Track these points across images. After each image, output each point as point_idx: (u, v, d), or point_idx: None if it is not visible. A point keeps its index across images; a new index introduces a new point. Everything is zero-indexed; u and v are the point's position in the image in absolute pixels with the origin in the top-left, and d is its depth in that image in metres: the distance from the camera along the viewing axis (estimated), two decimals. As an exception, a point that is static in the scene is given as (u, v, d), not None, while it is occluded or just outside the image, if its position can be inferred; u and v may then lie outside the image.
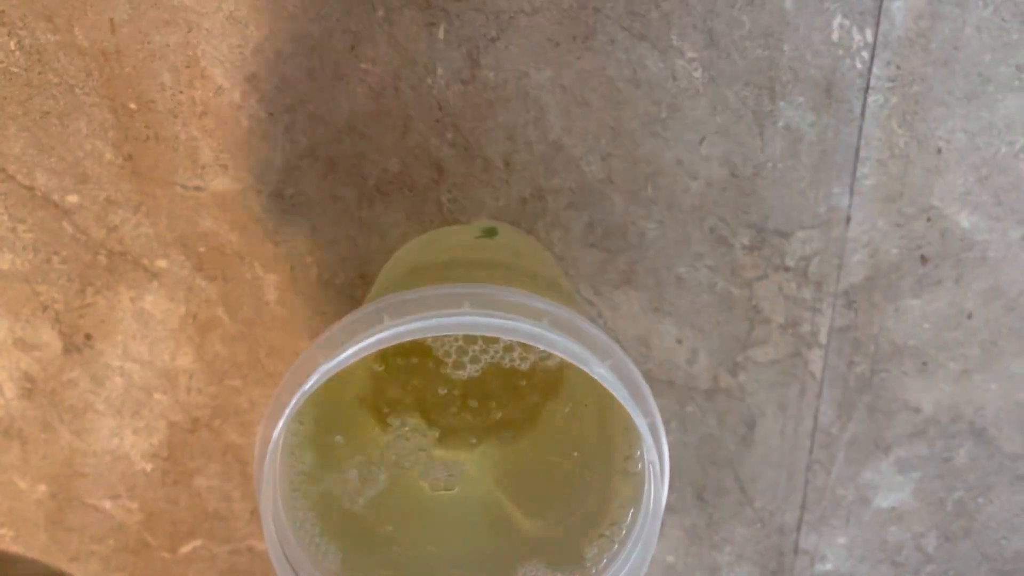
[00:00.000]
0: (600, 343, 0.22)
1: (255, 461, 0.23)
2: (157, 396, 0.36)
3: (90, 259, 0.34)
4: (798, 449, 0.38)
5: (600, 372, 0.21)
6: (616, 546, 0.25)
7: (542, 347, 0.21)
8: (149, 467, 0.37)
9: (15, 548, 0.38)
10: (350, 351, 0.21)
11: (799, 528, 0.39)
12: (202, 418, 0.36)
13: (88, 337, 0.35)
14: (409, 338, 0.21)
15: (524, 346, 0.25)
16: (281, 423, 0.21)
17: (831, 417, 0.37)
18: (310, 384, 0.21)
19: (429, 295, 0.22)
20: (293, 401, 0.21)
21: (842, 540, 0.40)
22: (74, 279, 0.34)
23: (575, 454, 0.27)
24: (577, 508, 0.26)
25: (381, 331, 0.21)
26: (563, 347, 0.21)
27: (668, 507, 0.36)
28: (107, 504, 0.37)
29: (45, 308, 0.34)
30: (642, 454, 0.24)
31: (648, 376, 0.36)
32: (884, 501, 0.39)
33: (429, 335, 0.21)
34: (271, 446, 0.22)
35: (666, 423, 0.29)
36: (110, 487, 0.37)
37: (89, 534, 0.38)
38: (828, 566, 0.40)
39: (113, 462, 0.37)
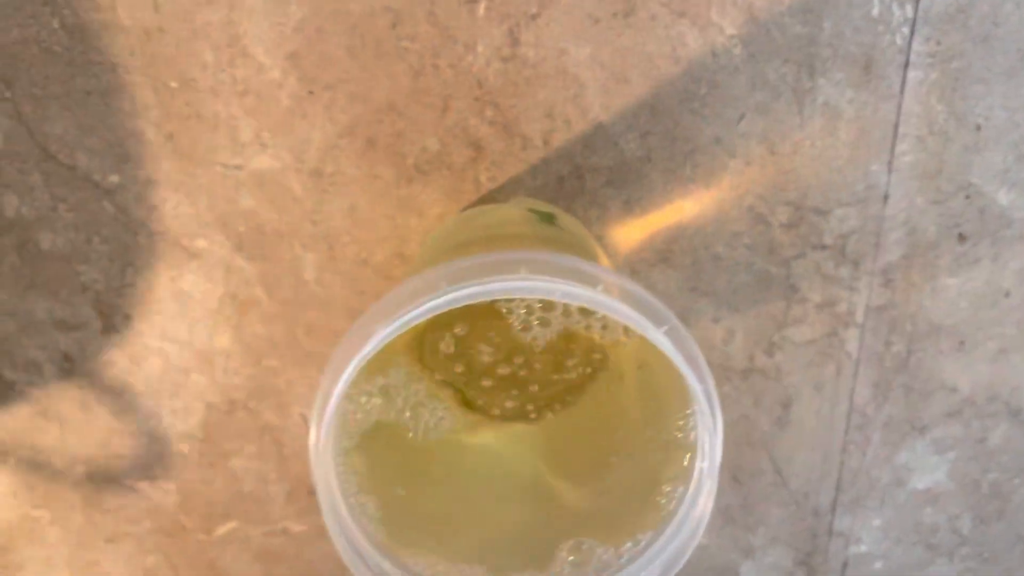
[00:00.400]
0: (655, 309, 0.22)
1: (312, 429, 0.23)
2: (195, 377, 0.36)
3: (130, 239, 0.34)
4: (833, 430, 0.38)
5: (658, 337, 0.21)
6: (667, 516, 0.25)
7: (601, 311, 0.21)
8: (186, 448, 0.37)
9: (52, 529, 0.38)
10: (410, 315, 0.21)
11: (834, 510, 0.39)
12: (239, 399, 0.36)
13: (127, 317, 0.35)
14: (465, 303, 0.21)
15: (583, 313, 0.25)
16: (339, 388, 0.21)
17: (867, 397, 0.37)
18: (369, 348, 0.21)
19: (485, 261, 0.22)
20: (351, 367, 0.22)
21: (877, 522, 0.40)
22: (114, 259, 0.34)
23: (621, 425, 0.27)
24: (624, 480, 0.26)
25: (438, 296, 0.21)
26: (622, 312, 0.21)
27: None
28: (143, 485, 0.38)
29: (85, 288, 0.34)
30: (694, 423, 0.24)
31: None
32: (919, 482, 0.39)
33: (485, 299, 0.21)
34: (327, 413, 0.22)
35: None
36: (147, 468, 0.37)
37: (125, 515, 0.38)
38: (863, 548, 0.40)
39: (150, 443, 0.37)
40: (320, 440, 0.22)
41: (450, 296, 0.21)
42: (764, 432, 0.38)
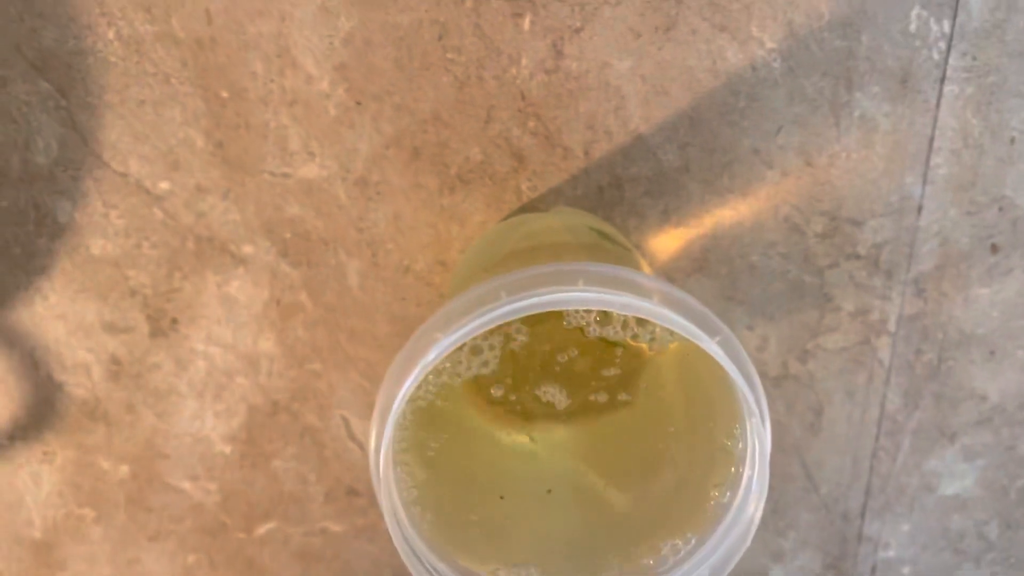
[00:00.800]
0: (709, 320, 0.23)
1: (372, 434, 0.23)
2: (238, 380, 0.37)
3: (179, 245, 0.35)
4: (864, 436, 0.38)
5: (712, 347, 0.22)
6: (716, 520, 0.25)
7: (658, 322, 0.22)
8: (228, 449, 0.38)
9: (96, 527, 0.39)
10: (470, 325, 0.22)
11: (863, 515, 0.40)
12: (281, 401, 0.37)
13: (174, 321, 0.36)
14: (525, 314, 0.22)
15: (635, 322, 0.25)
16: (402, 393, 0.22)
17: (898, 405, 0.38)
18: (431, 357, 0.22)
19: (543, 272, 0.23)
20: (413, 375, 0.22)
21: (905, 527, 0.40)
22: (163, 264, 0.35)
23: (665, 432, 0.28)
24: (670, 485, 0.27)
25: (499, 307, 0.22)
26: (677, 323, 0.22)
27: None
28: (186, 485, 0.38)
29: (134, 293, 0.35)
30: (742, 430, 0.25)
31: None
32: (948, 488, 0.40)
33: (545, 310, 0.22)
34: (389, 420, 0.23)
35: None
36: (190, 468, 0.38)
37: (168, 514, 0.39)
38: (891, 553, 0.41)
39: (194, 444, 0.38)
40: (382, 446, 0.23)
41: (510, 307, 0.22)
42: (796, 437, 0.38)
